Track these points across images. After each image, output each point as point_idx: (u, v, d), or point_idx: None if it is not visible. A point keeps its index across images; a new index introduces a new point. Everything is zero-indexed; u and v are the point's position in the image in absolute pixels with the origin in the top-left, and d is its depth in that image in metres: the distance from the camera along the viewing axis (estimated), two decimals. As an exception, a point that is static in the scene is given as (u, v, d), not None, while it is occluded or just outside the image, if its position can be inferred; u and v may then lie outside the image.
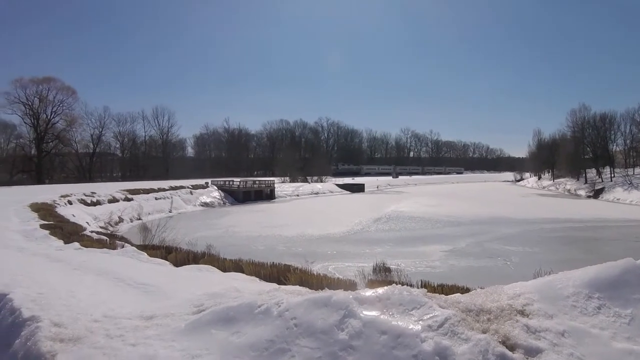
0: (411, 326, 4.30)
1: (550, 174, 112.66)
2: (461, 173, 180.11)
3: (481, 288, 5.62)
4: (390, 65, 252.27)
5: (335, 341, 4.32)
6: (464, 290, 7.15)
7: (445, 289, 7.93)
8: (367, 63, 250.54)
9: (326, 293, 5.10)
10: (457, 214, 43.81)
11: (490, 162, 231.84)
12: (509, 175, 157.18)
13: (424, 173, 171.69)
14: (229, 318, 5.10)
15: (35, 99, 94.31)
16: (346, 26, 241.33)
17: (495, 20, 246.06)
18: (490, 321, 4.41)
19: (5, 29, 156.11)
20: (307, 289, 6.84)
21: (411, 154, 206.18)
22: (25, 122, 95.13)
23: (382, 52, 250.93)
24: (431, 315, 4.44)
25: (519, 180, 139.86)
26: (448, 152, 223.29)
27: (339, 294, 4.96)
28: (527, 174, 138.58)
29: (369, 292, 4.99)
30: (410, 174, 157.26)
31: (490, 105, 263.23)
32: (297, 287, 7.03)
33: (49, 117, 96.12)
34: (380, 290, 4.98)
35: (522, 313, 4.57)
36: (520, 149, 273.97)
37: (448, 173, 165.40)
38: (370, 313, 4.56)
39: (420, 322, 4.35)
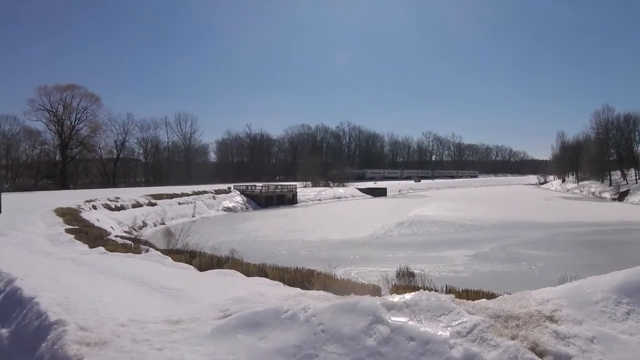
0: (440, 332, 4.24)
1: (574, 176, 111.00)
2: (475, 177, 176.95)
3: (508, 294, 5.55)
4: (412, 68, 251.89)
5: (363, 347, 4.27)
6: (490, 296, 7.04)
7: (470, 295, 7.82)
8: (388, 67, 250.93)
9: (353, 299, 5.06)
10: (481, 218, 43.46)
11: (513, 165, 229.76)
12: (533, 178, 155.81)
13: (433, 177, 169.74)
14: (256, 323, 5.08)
15: (60, 106, 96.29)
16: (367, 30, 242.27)
17: (517, 21, 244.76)
18: (519, 327, 4.34)
19: (29, 38, 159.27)
20: (332, 294, 6.79)
21: (433, 157, 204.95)
22: (49, 129, 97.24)
23: (403, 55, 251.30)
24: (460, 321, 4.38)
25: (542, 183, 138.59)
26: (471, 156, 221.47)
27: (366, 300, 4.91)
28: (551, 177, 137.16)
29: (396, 298, 4.93)
30: (419, 177, 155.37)
31: (513, 107, 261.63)
32: (322, 292, 6.97)
33: (73, 123, 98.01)
34: (408, 296, 4.92)
35: (550, 319, 4.50)
36: (543, 152, 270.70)
37: (460, 177, 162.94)
38: (398, 319, 4.51)
39: (449, 329, 4.29)
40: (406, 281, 13.07)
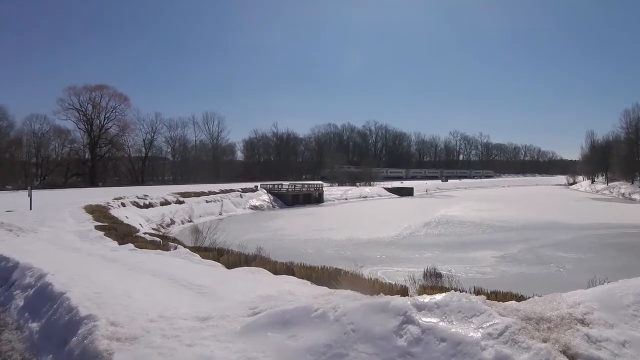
0: (471, 334, 4.20)
1: (603, 177, 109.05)
2: (490, 177, 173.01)
3: (538, 296, 5.48)
4: (438, 66, 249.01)
5: (394, 347, 4.24)
6: (519, 298, 6.96)
7: (499, 296, 7.72)
8: (415, 65, 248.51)
9: (384, 298, 5.03)
10: (508, 218, 42.90)
11: (542, 165, 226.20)
12: (562, 179, 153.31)
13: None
14: (285, 321, 5.07)
15: (89, 105, 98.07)
16: (393, 28, 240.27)
17: (545, 17, 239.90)
18: (551, 330, 4.28)
19: (58, 39, 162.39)
20: (359, 294, 6.77)
21: (460, 157, 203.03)
22: (79, 128, 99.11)
23: (429, 53, 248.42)
24: (491, 323, 4.34)
25: (571, 184, 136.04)
26: (498, 155, 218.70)
27: (397, 300, 4.87)
28: (580, 178, 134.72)
29: (426, 299, 4.88)
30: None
31: (542, 106, 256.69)
32: (350, 292, 6.95)
33: (102, 122, 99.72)
34: (439, 297, 4.88)
35: (582, 322, 4.42)
36: (573, 151, 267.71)
37: (473, 177, 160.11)
38: (429, 319, 4.48)
39: (480, 330, 4.25)
40: (433, 282, 13.00)
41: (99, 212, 28.36)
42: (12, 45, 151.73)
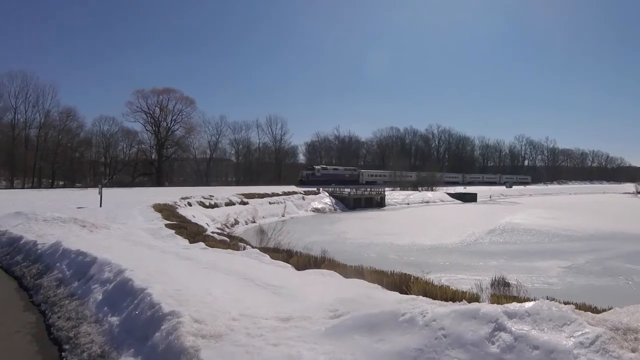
0: (563, 342, 4.12)
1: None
2: (528, 183, 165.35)
3: (619, 308, 5.37)
4: (503, 69, 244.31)
5: (487, 354, 4.20)
6: (593, 310, 6.82)
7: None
8: (479, 68, 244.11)
9: (473, 305, 4.97)
10: (576, 227, 41.41)
11: (609, 172, 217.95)
12: (630, 187, 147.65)
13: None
14: (372, 325, 5.05)
15: (156, 108, 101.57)
16: (455, 32, 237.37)
17: (611, 20, 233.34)
18: (638, 340, 4.18)
19: (126, 44, 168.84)
20: (431, 299, 6.75)
21: (526, 162, 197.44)
22: (146, 129, 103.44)
23: (494, 56, 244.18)
24: (582, 332, 4.24)
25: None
26: (565, 161, 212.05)
27: (487, 307, 4.81)
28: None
29: (517, 306, 4.79)
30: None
31: (610, 111, 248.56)
32: (423, 297, 6.93)
33: (169, 125, 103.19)
34: (528, 305, 4.79)
35: (668, 334, 4.31)
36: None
37: (504, 183, 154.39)
38: (520, 327, 4.40)
39: (572, 339, 4.16)
40: (501, 290, 12.80)
41: (167, 211, 29.15)
42: (82, 50, 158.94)
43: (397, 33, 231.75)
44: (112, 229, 19.21)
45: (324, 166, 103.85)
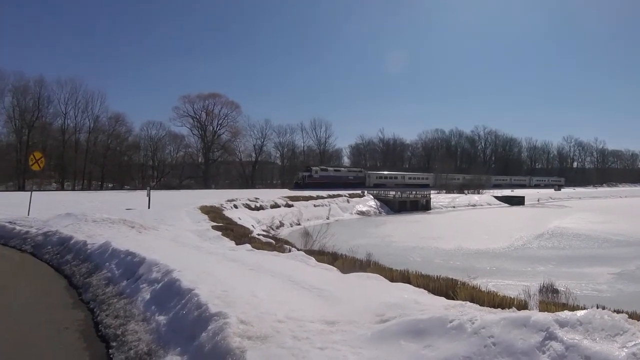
0: (616, 353, 3.99)
1: None
2: (562, 185, 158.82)
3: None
4: (550, 68, 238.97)
5: (537, 364, 4.08)
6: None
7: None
8: (525, 67, 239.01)
9: (523, 313, 4.87)
10: (626, 232, 39.82)
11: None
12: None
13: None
14: (419, 331, 5.00)
15: (202, 112, 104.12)
16: (500, 32, 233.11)
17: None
18: (691, 352, 4.05)
19: (172, 51, 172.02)
20: (479, 306, 6.64)
21: (575, 164, 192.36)
22: (193, 133, 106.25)
23: (540, 55, 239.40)
24: (635, 342, 4.10)
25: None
26: (615, 162, 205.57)
27: (538, 315, 4.70)
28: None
29: (568, 315, 4.67)
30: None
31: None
32: (470, 304, 6.82)
33: (215, 129, 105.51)
34: (580, 313, 4.65)
35: None
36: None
37: (536, 185, 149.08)
38: (572, 336, 4.28)
39: (625, 349, 4.03)
40: (549, 297, 12.55)
41: (213, 213, 29.47)
42: (129, 57, 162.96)
43: (441, 36, 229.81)
44: (160, 230, 19.50)
45: (324, 167, 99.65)
